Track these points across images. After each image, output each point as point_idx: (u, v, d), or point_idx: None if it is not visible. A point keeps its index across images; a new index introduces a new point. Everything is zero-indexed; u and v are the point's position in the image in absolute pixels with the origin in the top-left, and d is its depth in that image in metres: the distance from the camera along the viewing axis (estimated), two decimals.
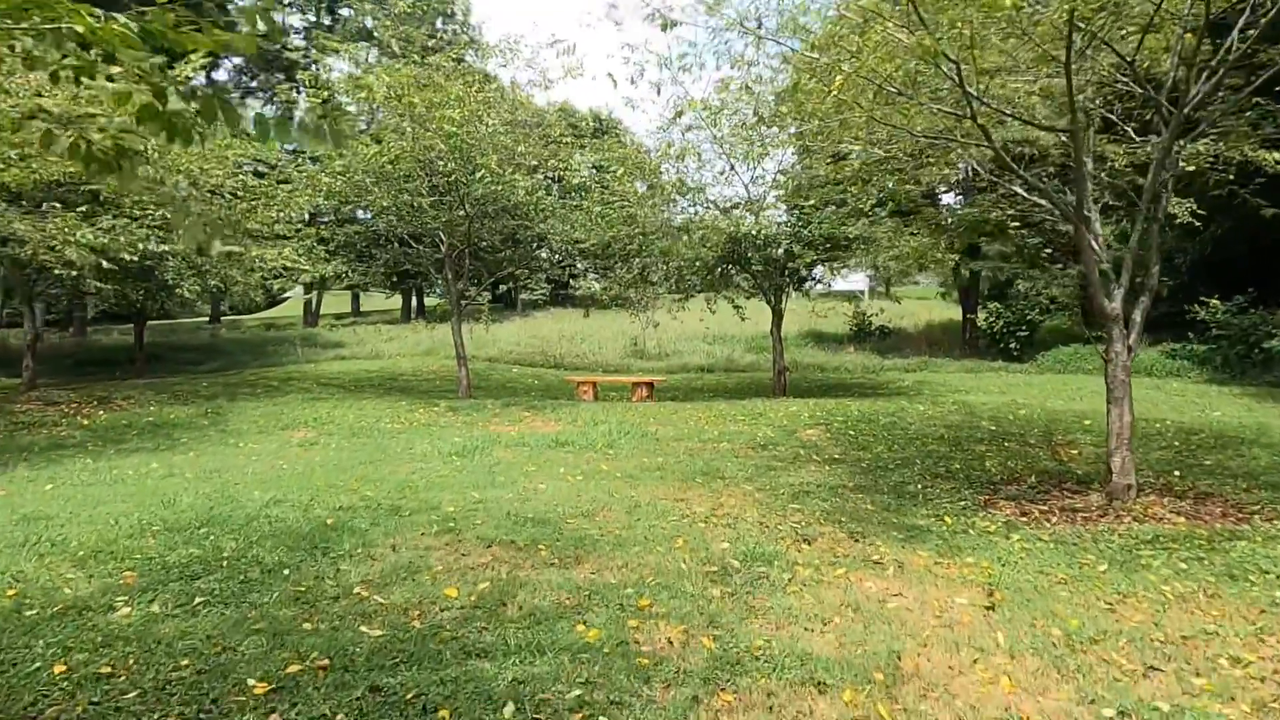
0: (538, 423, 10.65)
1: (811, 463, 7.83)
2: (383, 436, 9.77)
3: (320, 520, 5.51)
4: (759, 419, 10.30)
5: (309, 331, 29.23)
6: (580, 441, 8.85)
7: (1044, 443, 8.53)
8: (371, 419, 11.02)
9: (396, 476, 7.23)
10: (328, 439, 9.73)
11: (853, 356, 19.09)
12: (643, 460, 7.94)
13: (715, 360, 19.06)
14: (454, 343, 13.67)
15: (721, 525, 5.51)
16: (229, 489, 6.69)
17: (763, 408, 11.20)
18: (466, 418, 11.12)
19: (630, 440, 8.97)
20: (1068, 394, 12.66)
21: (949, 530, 5.45)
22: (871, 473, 7.38)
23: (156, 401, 12.66)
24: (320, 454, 8.72)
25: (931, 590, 4.21)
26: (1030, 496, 6.50)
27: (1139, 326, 6.20)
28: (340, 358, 20.44)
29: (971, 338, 20.26)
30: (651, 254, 12.64)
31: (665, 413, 11.08)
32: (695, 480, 7.04)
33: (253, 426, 10.72)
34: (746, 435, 9.19)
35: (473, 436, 9.39)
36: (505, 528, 5.34)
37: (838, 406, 11.05)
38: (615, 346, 21.16)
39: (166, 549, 4.82)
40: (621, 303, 20.65)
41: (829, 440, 8.90)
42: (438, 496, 6.33)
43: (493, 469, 7.53)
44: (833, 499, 6.39)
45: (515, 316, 31.45)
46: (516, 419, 10.93)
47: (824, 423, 9.86)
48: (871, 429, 9.37)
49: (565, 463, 7.83)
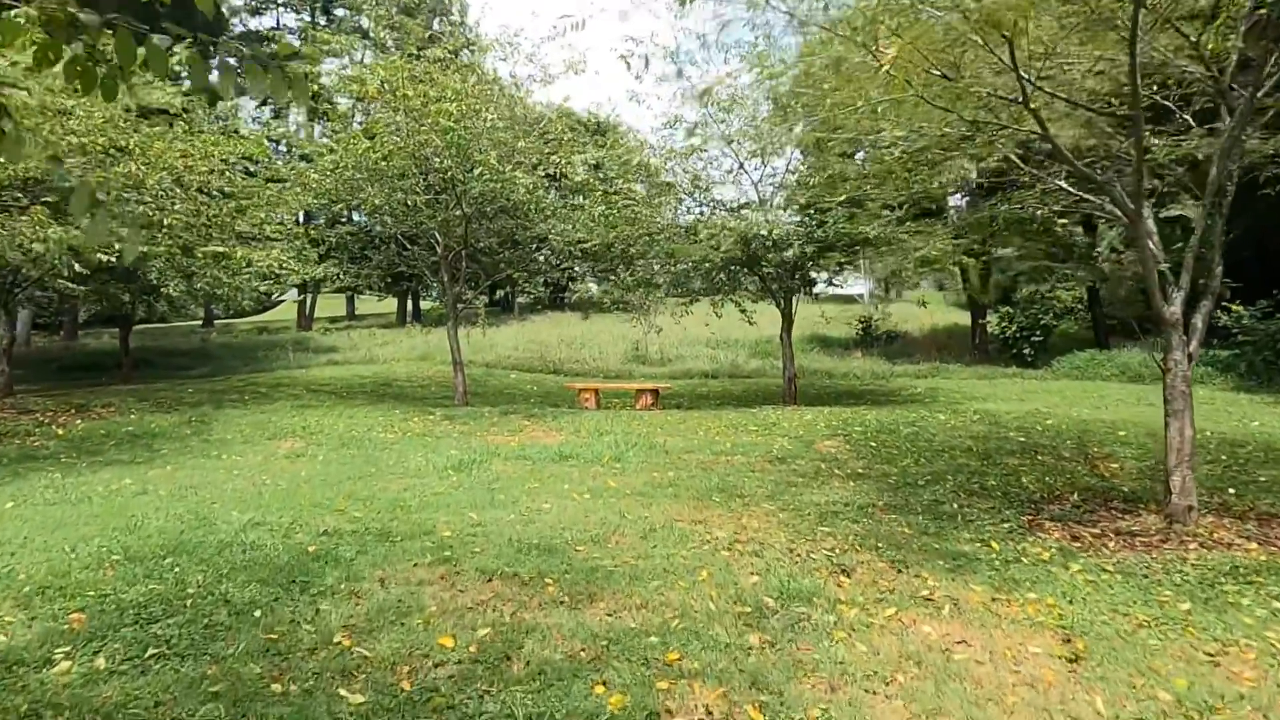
0: (538, 433, 10.10)
1: (835, 478, 7.28)
2: (375, 448, 9.21)
3: (301, 548, 4.94)
4: (773, 429, 9.76)
5: (302, 336, 28.66)
6: (585, 454, 8.30)
7: (1080, 456, 8.00)
8: (363, 428, 10.45)
9: (388, 494, 6.67)
10: (316, 450, 9.16)
11: (860, 362, 18.57)
12: (653, 475, 7.39)
13: (720, 366, 18.53)
14: (450, 348, 13.12)
15: (747, 553, 4.96)
16: (204, 509, 6.13)
17: (775, 416, 10.66)
18: (463, 427, 10.56)
19: (638, 453, 8.42)
20: (1091, 402, 12.14)
21: (998, 558, 4.91)
22: (901, 490, 6.84)
23: (138, 409, 12.07)
24: (307, 467, 8.16)
25: (999, 636, 3.67)
26: (1077, 517, 5.97)
27: (1200, 333, 5.67)
28: (333, 363, 19.85)
29: (981, 343, 19.77)
30: (658, 256, 12.11)
31: (673, 422, 10.54)
32: (712, 499, 6.49)
33: (238, 436, 10.15)
34: (761, 447, 8.64)
35: (470, 448, 8.84)
36: (507, 557, 4.78)
37: (854, 415, 10.51)
38: (616, 351, 20.62)
39: (125, 584, 4.25)
40: (622, 306, 20.18)
41: (850, 453, 8.36)
42: (432, 518, 5.78)
43: (492, 486, 6.97)
44: (864, 520, 5.84)
45: (512, 321, 30.89)
46: (516, 428, 10.37)
47: (842, 433, 9.32)
48: (894, 440, 8.83)
49: (570, 478, 7.28)
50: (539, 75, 11.78)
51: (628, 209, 11.47)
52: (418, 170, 11.00)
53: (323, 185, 10.91)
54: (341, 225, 13.04)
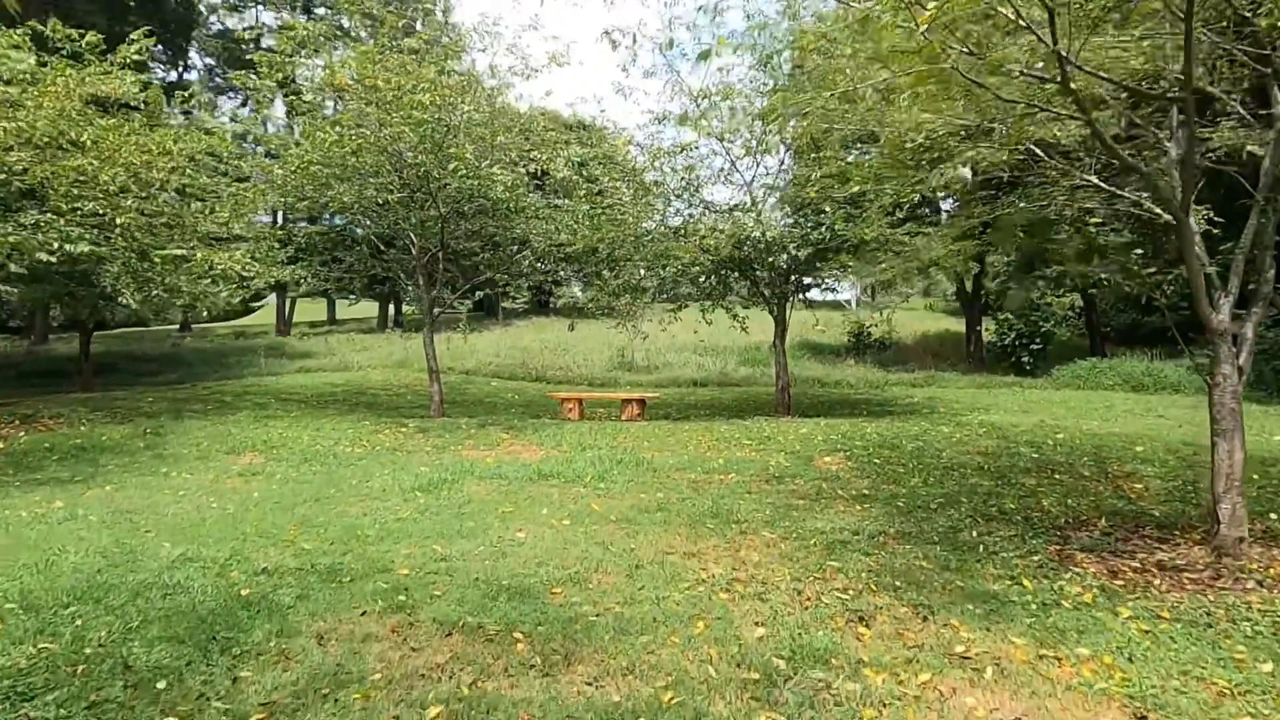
0: (517, 447, 9.43)
1: (839, 500, 6.66)
2: (338, 464, 8.51)
3: (233, 591, 4.26)
4: (768, 443, 9.14)
5: (278, 341, 27.82)
6: (566, 472, 7.64)
7: (1100, 474, 7.43)
8: (329, 441, 9.75)
9: (345, 520, 5.99)
10: (275, 466, 8.46)
11: (853, 370, 18.02)
12: (640, 497, 6.74)
13: (708, 373, 17.91)
14: (426, 355, 12.43)
15: (749, 595, 4.33)
16: (134, 539, 5.43)
17: (769, 429, 10.05)
18: (437, 440, 9.87)
19: (624, 471, 7.77)
20: (1098, 413, 11.61)
21: (1034, 600, 4.31)
22: (912, 514, 6.23)
23: (90, 420, 11.30)
24: (262, 487, 7.46)
25: (1057, 710, 3.06)
26: (1110, 546, 5.38)
27: (1250, 343, 5.09)
28: (305, 370, 19.05)
29: (976, 350, 19.28)
30: (645, 259, 11.50)
31: (660, 435, 9.90)
32: (705, 525, 5.85)
33: (192, 451, 9.42)
34: (757, 464, 8.02)
35: (441, 465, 8.16)
36: (472, 603, 4.12)
37: (853, 428, 9.91)
38: (600, 358, 19.95)
39: (10, 642, 3.56)
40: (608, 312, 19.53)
41: (853, 471, 7.75)
42: (391, 552, 5.10)
43: (462, 510, 6.30)
44: (877, 552, 5.23)
45: (495, 326, 30.15)
46: (493, 442, 9.70)
47: (842, 448, 8.71)
48: (898, 457, 8.24)
49: (549, 501, 6.63)
50: (520, 68, 11.13)
51: (613, 209, 10.84)
52: (391, 167, 10.31)
53: (288, 182, 10.19)
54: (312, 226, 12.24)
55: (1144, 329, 26.25)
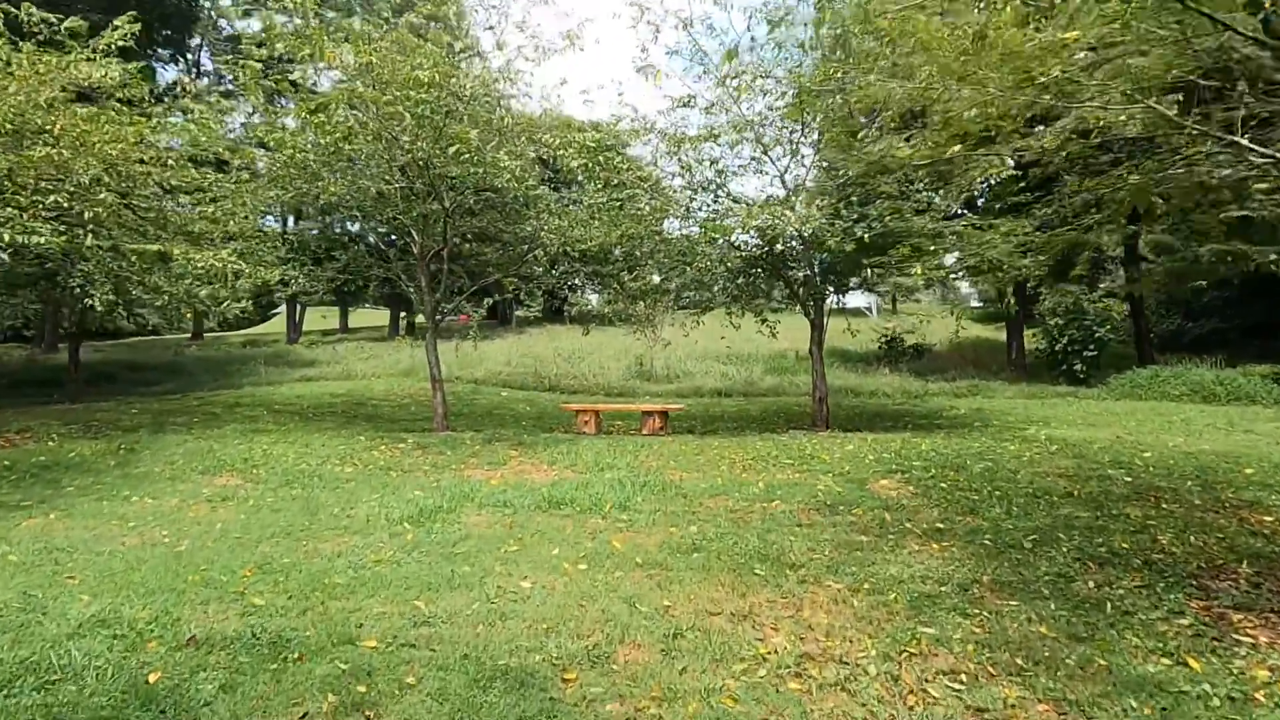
0: (526, 466, 8.35)
1: (909, 536, 5.53)
2: (322, 487, 7.47)
3: (139, 677, 3.21)
4: (811, 463, 8.01)
5: (285, 349, 26.93)
6: (581, 499, 6.55)
7: (1214, 504, 6.25)
8: (317, 460, 8.72)
9: (313, 562, 4.93)
10: (250, 490, 7.43)
11: (888, 379, 16.82)
12: (670, 532, 5.64)
13: (732, 383, 16.76)
14: (429, 363, 11.40)
15: (830, 686, 3.22)
16: (47, 590, 4.39)
17: (810, 446, 8.91)
18: (437, 458, 8.82)
19: (649, 497, 6.67)
20: (1176, 428, 10.38)
21: (1214, 691, 3.19)
22: (1004, 555, 5.09)
23: (63, 434, 10.35)
24: (229, 516, 6.42)
25: None
26: (1271, 603, 4.24)
27: None
28: (307, 379, 18.09)
29: (1019, 357, 18.05)
30: (670, 256, 10.43)
31: (688, 452, 8.79)
32: (754, 571, 4.75)
33: (165, 470, 8.42)
34: (803, 489, 6.89)
35: (439, 489, 7.10)
36: (456, 699, 3.04)
37: (905, 446, 8.76)
38: (618, 367, 18.86)
39: None
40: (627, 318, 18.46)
41: (917, 497, 6.61)
42: (360, 610, 4.04)
43: (456, 549, 5.22)
44: (976, 611, 4.10)
45: (508, 334, 29.16)
46: (500, 460, 8.63)
47: (899, 470, 7.57)
48: (967, 480, 7.08)
49: (561, 536, 5.54)
50: (530, 50, 10.08)
51: (632, 202, 9.76)
52: (385, 154, 9.29)
53: (273, 172, 9.20)
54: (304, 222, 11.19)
55: (1188, 335, 24.88)
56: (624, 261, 11.46)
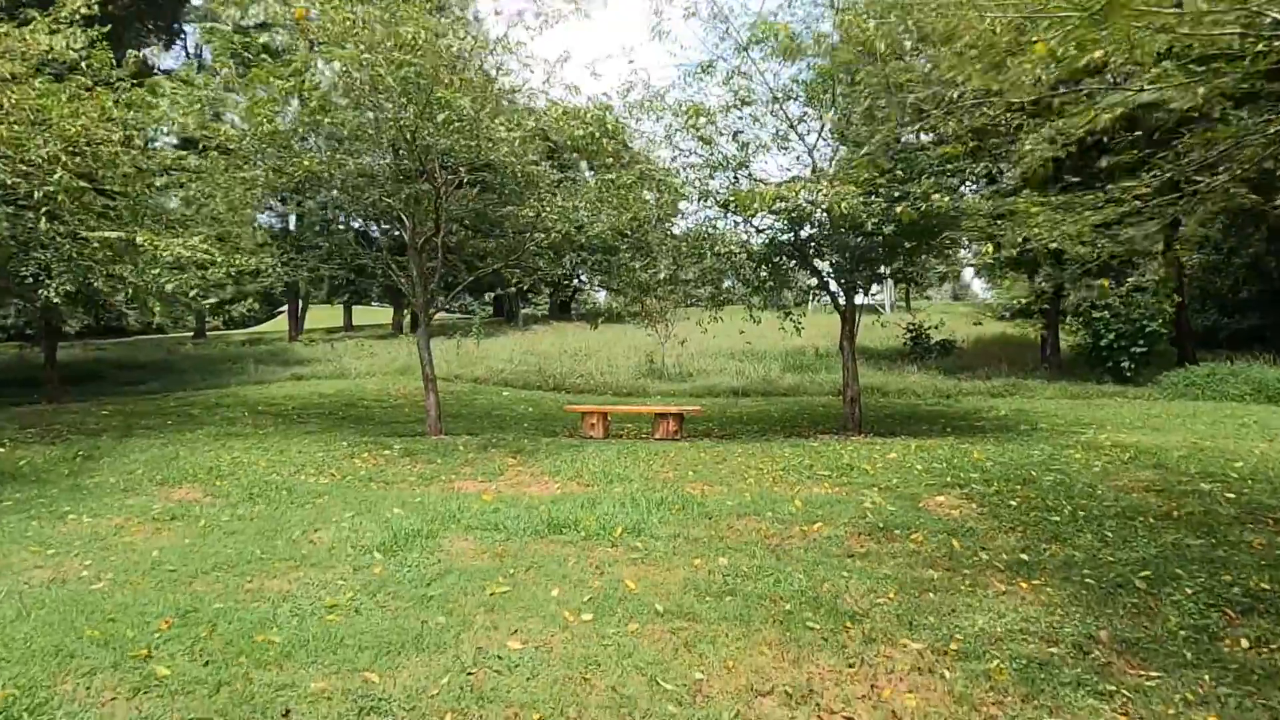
0: (525, 477, 7.35)
1: (991, 572, 4.50)
2: (289, 503, 6.48)
3: None
4: (850, 474, 6.98)
5: (284, 347, 25.99)
6: (587, 520, 5.53)
7: None
8: (290, 469, 7.74)
9: (250, 610, 3.94)
10: (208, 506, 6.45)
11: (917, 377, 15.74)
12: (695, 565, 4.62)
13: (750, 381, 15.68)
14: (421, 362, 10.42)
15: None
16: None
17: (846, 453, 7.87)
18: (425, 467, 7.83)
19: (666, 517, 5.65)
20: (1254, 432, 9.27)
21: None
22: (1116, 599, 4.06)
23: (17, 438, 9.42)
24: (171, 540, 5.45)
25: None
26: None
27: None
28: (298, 377, 17.12)
29: (1054, 354, 16.94)
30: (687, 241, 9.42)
31: (708, 460, 7.77)
32: (806, 624, 3.73)
33: (119, 481, 7.46)
34: (848, 508, 5.86)
35: (422, 506, 6.10)
36: None
37: (954, 453, 7.71)
38: (627, 365, 17.81)
39: None
40: (637, 314, 17.43)
41: (985, 518, 5.57)
42: (293, 687, 3.04)
43: (430, 591, 4.22)
44: (1111, 687, 3.08)
45: (513, 332, 28.15)
46: (495, 470, 7.63)
47: (955, 482, 6.53)
48: (1038, 496, 6.04)
49: (562, 571, 4.53)
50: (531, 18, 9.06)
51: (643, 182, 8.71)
52: (371, 128, 8.29)
53: (244, 147, 8.19)
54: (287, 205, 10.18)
55: (1225, 331, 23.71)
56: (634, 249, 10.42)
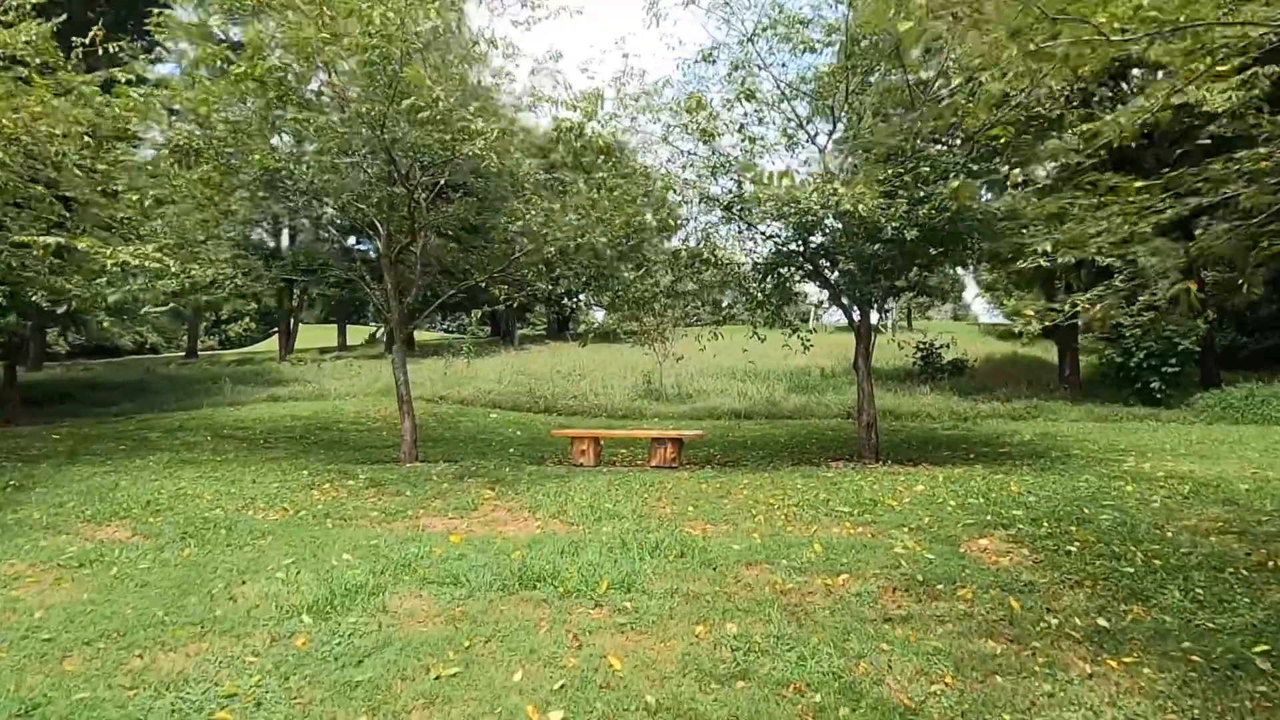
0: (501, 513, 6.45)
1: (1067, 644, 3.60)
2: (226, 545, 5.58)
3: None
4: (874, 510, 6.08)
5: (270, 367, 25.05)
6: (568, 571, 4.63)
7: None
8: (239, 503, 6.84)
9: (129, 703, 3.04)
10: (132, 549, 5.54)
11: (930, 398, 14.86)
12: (697, 635, 3.72)
13: (753, 403, 14.80)
14: (396, 382, 9.56)
15: None
16: None
17: (865, 485, 6.98)
18: (391, 500, 6.93)
19: (662, 567, 4.75)
20: None
21: None
22: (1237, 687, 3.17)
23: None
24: (68, 594, 4.54)
25: None
26: None
27: None
28: (275, 398, 16.21)
29: (1073, 375, 16.09)
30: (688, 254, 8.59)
31: (710, 493, 6.88)
32: None
33: (44, 516, 6.57)
34: (877, 554, 4.96)
35: (376, 551, 5.20)
36: None
37: (989, 485, 6.82)
38: (622, 385, 16.92)
39: None
40: (634, 332, 16.57)
41: (1042, 567, 4.67)
42: None
43: (358, 673, 3.31)
44: None
45: (507, 351, 27.22)
46: (469, 504, 6.73)
47: (997, 521, 5.64)
48: (1096, 539, 5.14)
49: (530, 644, 3.63)
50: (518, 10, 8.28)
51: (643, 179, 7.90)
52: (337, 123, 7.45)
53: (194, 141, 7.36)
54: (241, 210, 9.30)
55: (1246, 350, 22.92)
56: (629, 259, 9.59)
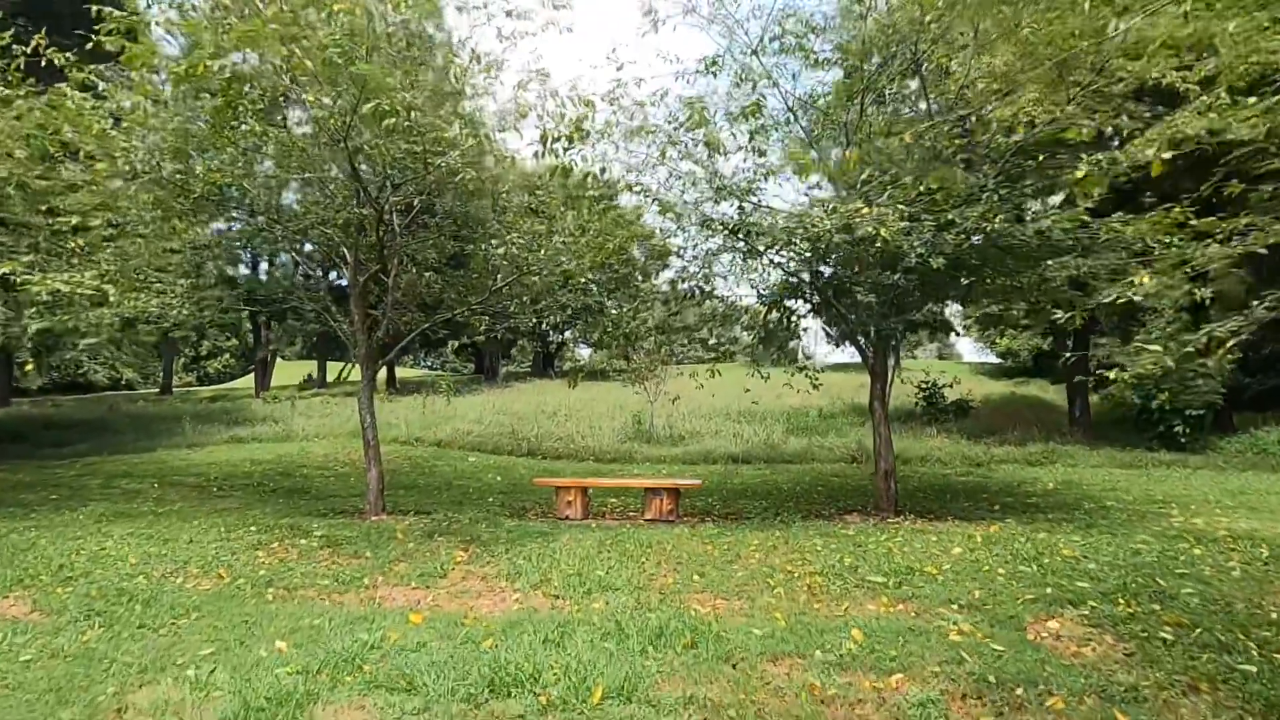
0: (474, 582, 5.50)
1: None
2: (139, 625, 4.60)
3: None
4: (912, 580, 5.18)
5: (240, 404, 23.93)
6: (551, 671, 3.69)
7: None
8: (168, 566, 5.85)
9: None
10: (20, 632, 4.55)
11: (937, 441, 14.02)
12: None
13: (750, 445, 13.89)
14: (362, 425, 8.62)
15: None
16: None
17: (896, 548, 6.08)
18: (347, 564, 5.96)
19: (669, 664, 3.82)
20: None
21: None
22: None
23: None
24: None
25: None
26: None
27: None
28: (237, 439, 15.13)
29: (1083, 416, 15.34)
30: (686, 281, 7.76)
31: (716, 556, 5.96)
32: None
33: None
34: (931, 645, 4.05)
35: (318, 637, 4.24)
36: None
37: (1035, 547, 5.94)
38: (611, 426, 15.98)
39: None
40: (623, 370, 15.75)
41: (1139, 666, 3.78)
42: None
43: None
44: None
45: (490, 390, 26.24)
46: (437, 569, 5.77)
47: (1063, 598, 4.75)
48: (1189, 621, 4.27)
49: None
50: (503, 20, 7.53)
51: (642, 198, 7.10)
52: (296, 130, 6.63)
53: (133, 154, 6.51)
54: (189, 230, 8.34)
55: (1250, 391, 22.39)
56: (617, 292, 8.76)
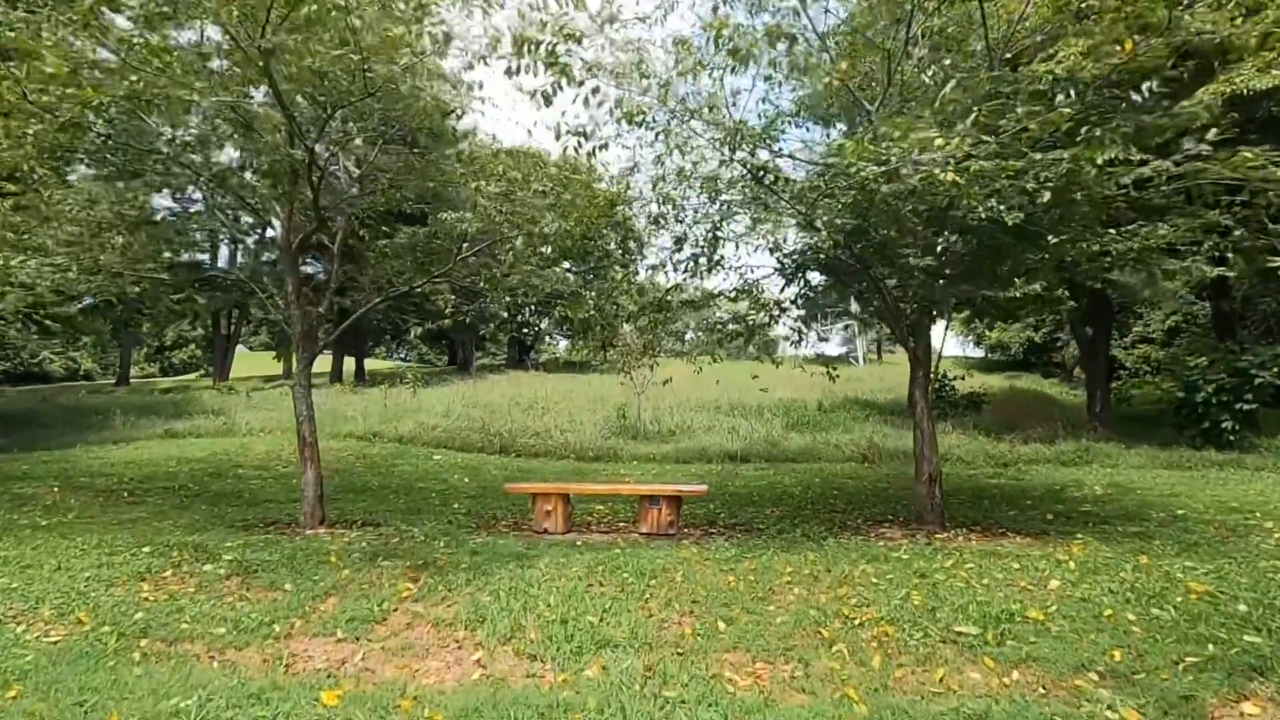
0: (421, 630, 4.07)
1: None
2: None
3: None
4: (1016, 631, 3.83)
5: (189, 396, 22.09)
6: None
7: None
8: (16, 604, 4.37)
9: None
10: None
11: (954, 438, 12.75)
12: None
13: (748, 442, 12.51)
14: (297, 419, 7.18)
15: None
16: None
17: (977, 582, 4.73)
18: (258, 601, 4.49)
19: None
20: None
21: None
22: None
23: None
24: None
25: None
26: None
27: None
28: (171, 433, 13.48)
29: (1103, 411, 14.17)
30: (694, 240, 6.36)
31: (742, 592, 4.57)
32: None
33: None
34: None
35: None
36: None
37: (1158, 583, 4.63)
38: (593, 420, 14.50)
39: None
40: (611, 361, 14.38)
41: None
42: None
43: None
44: None
45: (462, 381, 24.62)
46: (374, 610, 4.32)
47: (1236, 659, 3.43)
48: None
49: None
50: None
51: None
52: (198, 62, 5.13)
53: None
54: None
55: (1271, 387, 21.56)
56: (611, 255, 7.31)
